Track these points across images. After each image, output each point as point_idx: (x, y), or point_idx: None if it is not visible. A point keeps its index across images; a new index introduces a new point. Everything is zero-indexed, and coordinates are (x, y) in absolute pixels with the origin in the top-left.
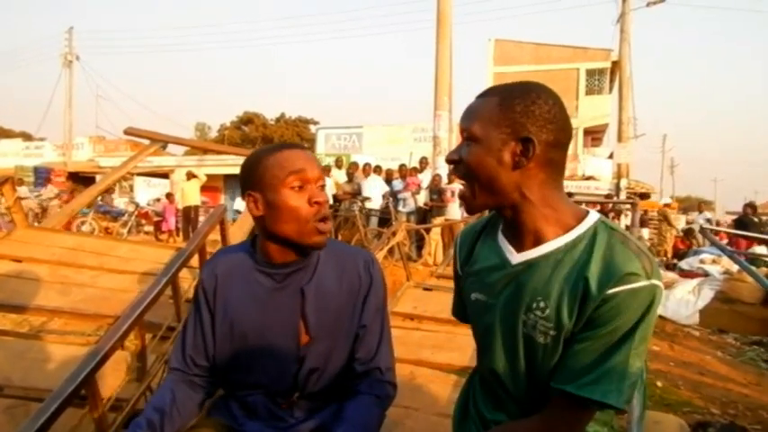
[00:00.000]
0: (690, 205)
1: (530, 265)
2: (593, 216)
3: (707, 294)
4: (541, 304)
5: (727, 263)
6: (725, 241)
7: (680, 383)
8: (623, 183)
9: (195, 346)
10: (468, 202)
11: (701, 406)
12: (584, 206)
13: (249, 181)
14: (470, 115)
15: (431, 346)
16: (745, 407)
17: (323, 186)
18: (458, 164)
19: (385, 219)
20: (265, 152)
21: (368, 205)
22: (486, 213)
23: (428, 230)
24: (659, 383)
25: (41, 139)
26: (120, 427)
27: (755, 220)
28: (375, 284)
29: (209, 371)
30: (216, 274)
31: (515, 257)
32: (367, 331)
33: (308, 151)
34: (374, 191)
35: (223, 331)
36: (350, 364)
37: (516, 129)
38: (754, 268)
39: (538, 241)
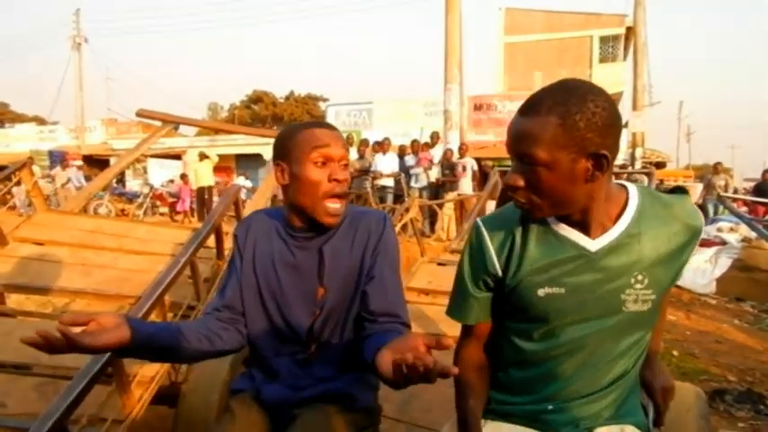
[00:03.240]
0: (707, 172)
1: (608, 249)
2: (632, 188)
3: (724, 263)
4: (639, 277)
5: (744, 231)
6: (744, 209)
7: (696, 352)
8: (638, 152)
9: (233, 295)
10: (534, 214)
11: (718, 374)
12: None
13: (279, 152)
14: (529, 139)
15: (446, 321)
16: (762, 374)
17: (346, 165)
18: (522, 189)
19: (398, 195)
20: (298, 127)
21: (381, 182)
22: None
23: (441, 206)
24: (675, 352)
25: (54, 123)
26: (146, 402)
27: None
28: (385, 239)
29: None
30: (248, 230)
31: (593, 245)
32: (379, 282)
33: (337, 131)
34: (386, 167)
35: (248, 281)
36: (364, 317)
37: (585, 146)
38: None
39: (604, 226)
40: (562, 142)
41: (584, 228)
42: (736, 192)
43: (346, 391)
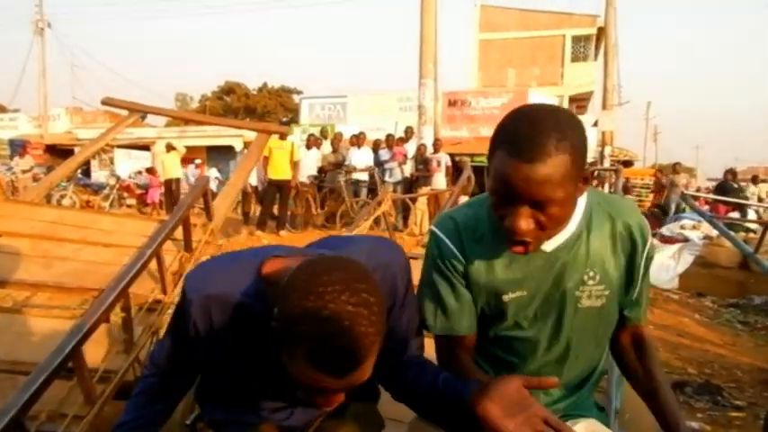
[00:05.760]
0: (670, 172)
1: (562, 247)
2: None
3: (687, 259)
4: (591, 273)
5: (706, 228)
6: (706, 207)
7: (659, 345)
8: (607, 150)
9: (175, 369)
10: (537, 245)
11: (679, 366)
12: None
13: (277, 335)
14: (548, 184)
15: None
16: (721, 366)
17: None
18: (530, 231)
19: (372, 189)
20: (306, 345)
21: (355, 176)
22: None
23: (414, 200)
24: None
25: (16, 111)
26: (108, 397)
27: (735, 186)
28: (409, 286)
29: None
30: (211, 316)
31: (548, 245)
32: (401, 340)
33: (348, 380)
34: (360, 161)
35: (223, 367)
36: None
37: (581, 173)
38: (732, 233)
39: None
40: (571, 176)
41: None
42: (698, 191)
43: (357, 397)
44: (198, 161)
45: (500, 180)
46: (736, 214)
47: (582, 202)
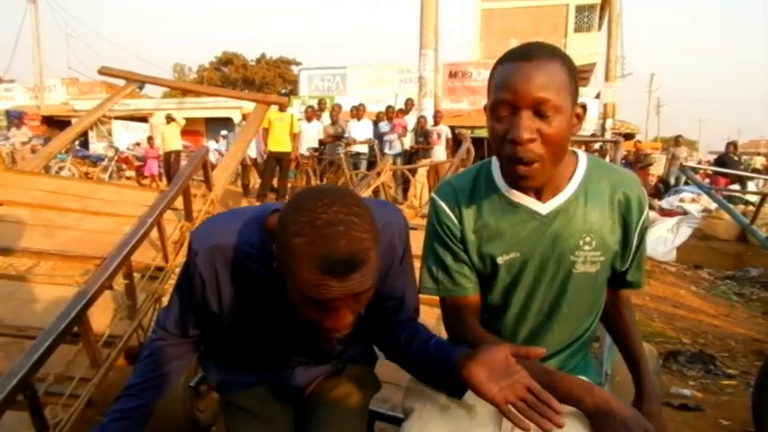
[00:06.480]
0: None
1: (558, 210)
2: (581, 154)
3: (685, 232)
4: (587, 239)
5: (706, 201)
6: (706, 181)
7: (654, 316)
8: (608, 123)
9: (181, 331)
10: (539, 179)
11: (674, 336)
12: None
13: (277, 253)
14: (545, 82)
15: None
16: (715, 336)
17: (357, 299)
18: (533, 141)
19: (372, 162)
20: (306, 253)
21: (354, 149)
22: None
23: (413, 172)
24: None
25: (11, 81)
26: (114, 361)
27: (735, 158)
28: (407, 247)
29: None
30: (215, 267)
31: (543, 208)
32: (401, 294)
33: (350, 284)
34: (360, 133)
35: (226, 323)
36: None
37: (575, 94)
38: (731, 206)
39: (555, 190)
40: (568, 87)
41: (537, 192)
42: (699, 164)
43: (355, 359)
44: (224, 132)
45: (504, 86)
46: (736, 187)
47: (581, 167)
